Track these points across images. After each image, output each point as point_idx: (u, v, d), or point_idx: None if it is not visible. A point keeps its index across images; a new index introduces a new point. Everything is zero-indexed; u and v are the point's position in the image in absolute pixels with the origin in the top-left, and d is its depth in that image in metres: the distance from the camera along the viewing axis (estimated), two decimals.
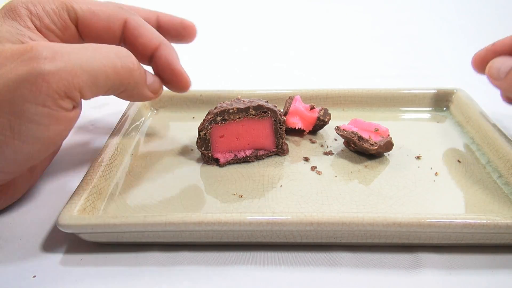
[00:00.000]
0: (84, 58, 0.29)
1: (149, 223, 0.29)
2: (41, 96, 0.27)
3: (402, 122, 0.48)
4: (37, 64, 0.27)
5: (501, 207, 0.34)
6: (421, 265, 0.30)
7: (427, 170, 0.39)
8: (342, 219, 0.29)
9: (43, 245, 0.32)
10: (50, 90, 0.27)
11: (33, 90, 0.27)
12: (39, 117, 0.28)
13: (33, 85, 0.27)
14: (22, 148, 0.29)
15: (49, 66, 0.27)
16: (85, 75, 0.29)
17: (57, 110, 0.28)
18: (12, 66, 0.27)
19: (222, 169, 0.40)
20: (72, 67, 0.28)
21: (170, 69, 0.37)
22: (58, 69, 0.27)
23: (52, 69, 0.27)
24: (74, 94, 0.29)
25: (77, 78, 0.28)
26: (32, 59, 0.27)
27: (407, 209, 0.34)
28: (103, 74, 0.30)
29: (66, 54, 0.28)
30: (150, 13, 0.43)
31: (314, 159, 0.41)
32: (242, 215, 0.29)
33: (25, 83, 0.27)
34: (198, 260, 0.31)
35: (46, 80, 0.27)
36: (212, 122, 0.38)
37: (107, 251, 0.32)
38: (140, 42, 0.36)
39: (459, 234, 0.30)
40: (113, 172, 0.37)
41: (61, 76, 0.28)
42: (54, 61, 0.27)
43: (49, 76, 0.27)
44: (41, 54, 0.27)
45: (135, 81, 0.33)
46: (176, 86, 0.38)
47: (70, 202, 0.31)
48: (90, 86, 0.30)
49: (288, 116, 0.44)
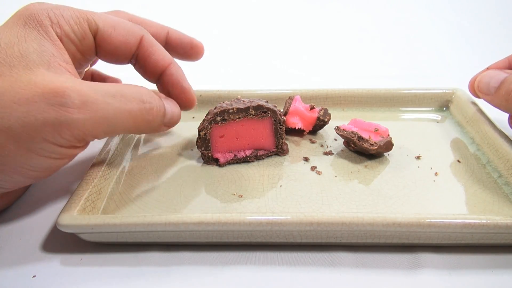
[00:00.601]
0: (111, 111, 0.30)
1: (149, 223, 0.29)
2: (61, 139, 0.28)
3: (402, 122, 0.48)
4: (66, 113, 0.28)
5: (501, 207, 0.34)
6: (421, 265, 0.30)
7: (427, 170, 0.39)
8: (342, 219, 0.29)
9: (43, 245, 0.32)
10: (71, 137, 0.29)
11: (55, 134, 0.28)
12: (52, 153, 0.29)
13: (57, 130, 0.28)
14: (27, 174, 0.30)
15: (77, 116, 0.28)
16: (106, 127, 0.30)
17: (69, 149, 0.30)
18: (41, 106, 0.27)
19: (222, 169, 0.40)
20: (98, 120, 0.29)
21: (180, 87, 0.38)
22: (85, 121, 0.29)
23: (79, 119, 0.28)
24: (89, 139, 0.31)
25: (99, 128, 0.30)
26: (62, 105, 0.28)
27: (407, 209, 0.34)
28: (122, 126, 0.32)
29: (95, 103, 0.29)
30: (161, 28, 0.43)
31: (314, 159, 0.41)
32: (242, 215, 0.29)
33: (50, 127, 0.28)
34: (198, 260, 0.31)
35: (71, 128, 0.28)
36: (212, 122, 0.38)
37: (107, 251, 0.32)
38: (152, 60, 0.37)
39: (459, 234, 0.30)
40: (113, 172, 0.37)
41: (85, 126, 0.29)
42: (82, 112, 0.28)
43: (74, 125, 0.28)
44: (72, 102, 0.28)
45: (150, 127, 0.34)
46: (183, 103, 0.39)
47: (70, 202, 0.31)
48: (106, 134, 0.31)
49: (288, 116, 0.44)
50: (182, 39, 0.44)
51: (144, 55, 0.36)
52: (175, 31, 0.44)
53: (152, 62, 0.37)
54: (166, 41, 0.43)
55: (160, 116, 0.34)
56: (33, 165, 0.29)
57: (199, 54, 0.45)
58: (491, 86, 0.39)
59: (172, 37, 0.43)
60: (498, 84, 0.39)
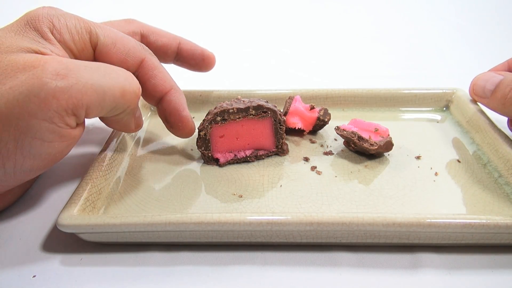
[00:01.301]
0: (95, 77, 0.29)
1: (149, 223, 0.29)
2: (49, 112, 0.27)
3: (402, 122, 0.48)
4: (49, 80, 0.27)
5: (501, 207, 0.34)
6: (421, 265, 0.30)
7: (427, 170, 0.39)
8: (342, 219, 0.29)
9: (43, 245, 0.32)
10: (58, 107, 0.27)
11: (42, 106, 0.27)
12: (44, 133, 0.28)
13: (43, 102, 0.26)
14: (23, 163, 0.28)
15: (61, 83, 0.27)
16: (94, 94, 0.29)
17: (62, 127, 0.28)
18: (23, 78, 0.26)
19: (222, 169, 0.40)
20: (83, 86, 0.28)
21: (178, 115, 0.37)
22: (69, 87, 0.27)
23: (63, 86, 0.27)
24: (80, 112, 0.29)
25: (86, 97, 0.28)
26: (45, 73, 0.27)
27: (407, 209, 0.34)
28: (111, 95, 0.30)
29: (78, 71, 0.28)
30: (173, 38, 0.43)
31: (314, 159, 0.41)
32: (242, 215, 0.29)
33: (34, 98, 0.26)
34: (198, 260, 0.31)
35: (56, 97, 0.27)
36: (212, 122, 0.38)
37: (107, 251, 0.32)
38: (152, 84, 0.36)
39: (459, 234, 0.30)
40: (113, 172, 0.37)
41: (71, 94, 0.27)
42: (66, 78, 0.27)
43: (59, 93, 0.27)
44: (54, 69, 0.27)
45: (133, 107, 0.33)
46: (180, 131, 0.39)
47: (70, 202, 0.31)
48: (96, 106, 0.30)
49: (288, 116, 0.44)
50: (194, 50, 0.43)
51: (143, 78, 0.36)
52: (187, 41, 0.44)
53: (151, 86, 0.36)
54: (177, 52, 0.43)
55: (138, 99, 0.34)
56: (28, 151, 0.28)
57: (210, 66, 0.45)
58: (487, 89, 0.39)
59: (184, 48, 0.43)
60: (493, 87, 0.38)
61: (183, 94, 0.39)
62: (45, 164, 0.30)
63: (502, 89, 0.37)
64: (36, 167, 0.30)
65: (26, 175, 0.31)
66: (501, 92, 0.37)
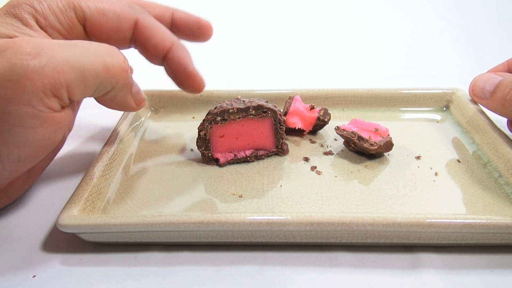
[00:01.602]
0: (71, 54, 0.27)
1: (149, 223, 0.29)
2: (25, 95, 0.25)
3: (402, 122, 0.48)
4: (20, 61, 0.25)
5: (501, 207, 0.34)
6: (421, 265, 0.30)
7: (427, 170, 0.39)
8: (342, 219, 0.29)
9: (43, 245, 0.32)
10: (34, 89, 0.25)
11: (17, 89, 0.25)
12: (25, 119, 0.26)
13: (17, 84, 0.25)
14: (9, 153, 0.27)
15: (33, 62, 0.25)
16: (72, 71, 0.27)
17: (43, 110, 0.27)
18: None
19: (222, 169, 0.40)
20: (58, 63, 0.26)
21: (183, 71, 0.36)
22: (43, 66, 0.25)
23: (36, 65, 0.25)
24: (61, 93, 0.27)
25: (63, 75, 0.26)
26: (15, 55, 0.25)
27: (407, 209, 0.34)
28: (92, 71, 0.28)
29: (51, 49, 0.26)
30: (165, 9, 0.41)
31: (314, 159, 0.41)
32: (242, 215, 0.29)
33: (7, 82, 0.25)
34: (198, 260, 0.31)
35: (30, 78, 0.25)
36: (212, 122, 0.38)
37: (107, 251, 0.32)
38: (151, 44, 0.35)
39: (459, 234, 0.30)
40: (113, 172, 0.37)
41: (46, 73, 0.26)
42: (38, 57, 0.25)
43: (33, 73, 0.25)
44: (24, 49, 0.25)
45: (123, 83, 0.31)
46: (190, 87, 0.37)
47: (70, 202, 0.31)
48: (78, 84, 0.28)
49: (288, 116, 0.44)
50: (189, 19, 0.41)
51: (141, 40, 0.35)
52: (180, 11, 0.41)
53: (151, 45, 0.35)
54: (171, 23, 0.41)
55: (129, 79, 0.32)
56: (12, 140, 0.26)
57: (208, 34, 0.43)
58: (486, 90, 0.38)
59: (178, 18, 0.41)
60: (493, 88, 0.38)
61: (187, 49, 0.37)
62: (33, 153, 0.28)
63: (502, 90, 0.37)
64: (24, 157, 0.28)
65: (17, 166, 0.29)
66: (500, 93, 0.37)
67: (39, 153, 0.29)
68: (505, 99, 0.36)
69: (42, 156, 0.30)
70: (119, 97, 0.33)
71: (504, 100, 0.36)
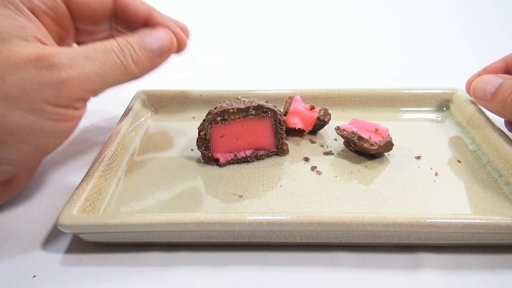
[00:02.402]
0: (97, 65, 0.31)
1: (149, 223, 0.29)
2: (60, 99, 0.30)
3: (402, 122, 0.48)
4: (59, 72, 0.29)
5: (501, 207, 0.34)
6: (421, 265, 0.30)
7: (427, 170, 0.39)
8: (342, 219, 0.29)
9: (43, 245, 0.32)
10: (70, 95, 0.30)
11: (56, 94, 0.29)
12: (56, 115, 0.30)
13: (57, 91, 0.29)
14: (38, 141, 0.30)
15: (70, 73, 0.30)
16: (98, 79, 0.31)
17: (71, 110, 0.31)
18: (32, 72, 0.29)
19: (222, 169, 0.40)
20: (89, 74, 0.31)
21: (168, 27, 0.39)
22: (78, 76, 0.30)
23: (72, 77, 0.30)
24: (87, 96, 0.32)
25: (92, 84, 0.31)
26: (53, 66, 0.29)
27: (407, 209, 0.34)
28: (112, 76, 0.33)
29: (81, 60, 0.31)
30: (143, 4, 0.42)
31: (314, 159, 0.41)
32: (242, 215, 0.29)
33: (49, 88, 0.29)
34: (198, 260, 0.31)
35: (68, 85, 0.29)
36: (212, 122, 0.38)
37: (107, 251, 0.32)
38: (132, 10, 0.38)
39: (459, 234, 0.30)
40: (113, 172, 0.37)
41: (80, 82, 0.30)
42: (73, 69, 0.30)
43: (70, 82, 0.30)
44: (60, 62, 0.29)
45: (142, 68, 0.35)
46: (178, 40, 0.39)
47: (70, 202, 0.31)
48: (101, 88, 0.32)
49: (288, 116, 0.44)
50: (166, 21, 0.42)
51: (123, 8, 0.38)
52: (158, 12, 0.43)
53: (132, 13, 0.38)
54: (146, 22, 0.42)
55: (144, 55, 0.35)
56: (38, 130, 0.30)
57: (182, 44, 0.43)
58: (487, 92, 0.39)
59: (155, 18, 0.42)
60: (494, 90, 0.38)
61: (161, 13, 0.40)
62: (56, 141, 0.32)
63: (503, 92, 0.37)
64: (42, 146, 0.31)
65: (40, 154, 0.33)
66: (501, 95, 0.37)
67: (59, 141, 0.33)
68: (505, 101, 0.37)
69: (61, 144, 0.33)
70: (146, 72, 0.36)
71: (504, 102, 0.37)
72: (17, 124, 0.29)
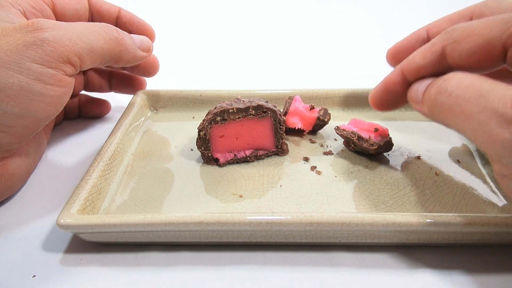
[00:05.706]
0: (79, 30, 0.34)
1: (149, 223, 0.29)
2: (46, 57, 0.32)
3: (402, 122, 0.48)
4: (42, 32, 0.32)
5: (501, 207, 0.34)
6: (421, 265, 0.30)
7: (427, 170, 0.39)
8: (342, 219, 0.29)
9: (43, 245, 0.32)
10: (54, 54, 0.32)
11: (40, 52, 0.31)
12: (45, 77, 0.32)
13: (40, 48, 0.31)
14: (28, 104, 0.32)
15: (53, 33, 0.32)
16: (82, 43, 0.34)
17: (60, 72, 0.33)
18: (18, 36, 0.32)
19: (222, 169, 0.40)
20: (71, 36, 0.33)
21: (137, 23, 0.46)
22: (61, 36, 0.32)
23: (55, 35, 0.32)
24: (74, 60, 0.33)
25: (76, 46, 0.33)
26: (37, 29, 0.32)
27: (407, 209, 0.34)
28: (97, 43, 0.35)
29: (63, 26, 0.33)
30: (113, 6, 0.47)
31: (314, 159, 0.41)
32: (242, 215, 0.29)
33: (33, 46, 0.31)
34: (198, 260, 0.31)
35: (51, 45, 0.32)
36: (212, 122, 0.38)
37: (107, 251, 0.32)
38: (105, 9, 0.44)
39: (459, 234, 0.30)
40: (113, 172, 0.37)
41: (63, 42, 0.32)
42: (55, 30, 0.32)
43: (53, 41, 0.32)
44: (43, 25, 0.32)
45: (125, 48, 0.38)
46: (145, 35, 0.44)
47: (69, 202, 0.31)
48: (87, 54, 0.34)
49: (288, 116, 0.44)
50: (133, 19, 0.47)
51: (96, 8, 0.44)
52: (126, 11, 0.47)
53: (105, 11, 0.44)
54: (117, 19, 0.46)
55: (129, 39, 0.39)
56: (27, 90, 0.31)
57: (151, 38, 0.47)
58: (420, 92, 0.30)
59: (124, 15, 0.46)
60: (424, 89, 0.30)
61: None
62: (49, 108, 0.33)
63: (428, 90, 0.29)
64: (42, 111, 0.33)
65: (34, 122, 0.34)
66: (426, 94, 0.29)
67: (48, 111, 0.34)
68: (431, 101, 0.29)
69: (53, 116, 0.35)
70: (130, 57, 0.39)
71: (429, 101, 0.29)
72: (5, 82, 0.30)
